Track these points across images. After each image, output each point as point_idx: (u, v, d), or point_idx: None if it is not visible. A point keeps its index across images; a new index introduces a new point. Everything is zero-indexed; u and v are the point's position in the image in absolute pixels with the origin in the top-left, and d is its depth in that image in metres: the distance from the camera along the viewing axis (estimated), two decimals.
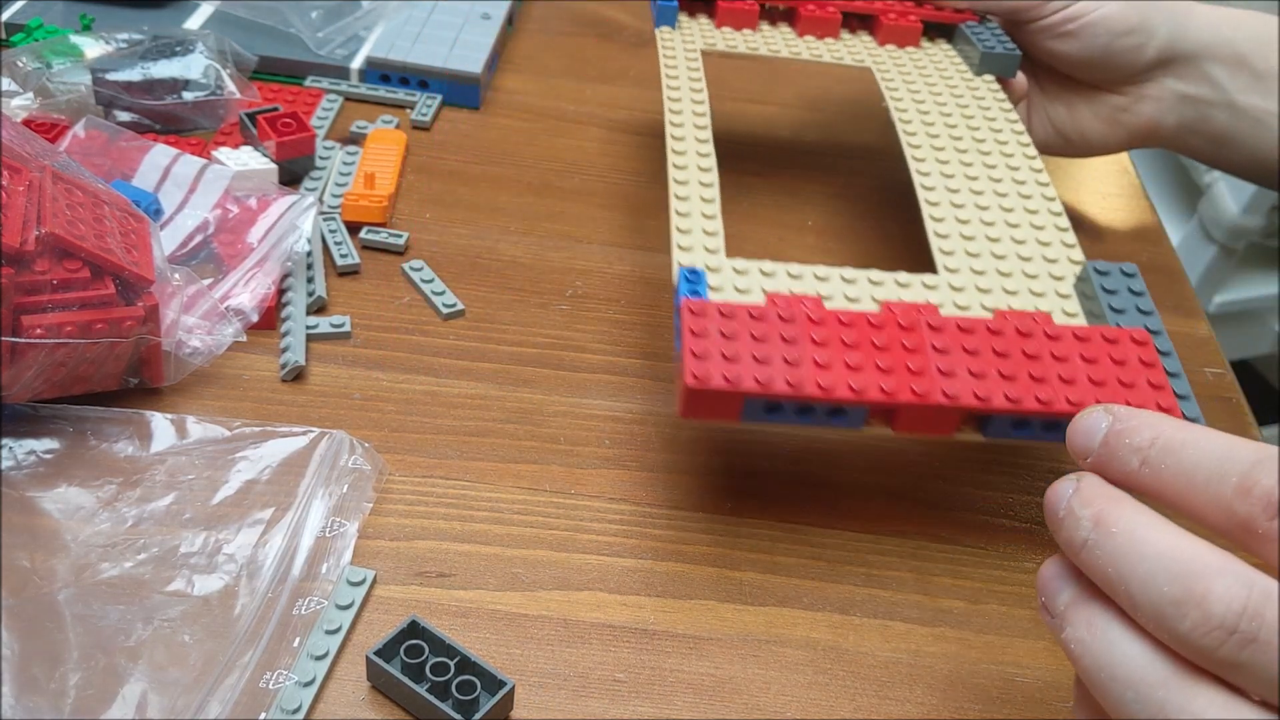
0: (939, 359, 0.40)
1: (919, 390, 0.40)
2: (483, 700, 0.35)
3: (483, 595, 0.40)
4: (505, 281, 0.54)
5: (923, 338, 0.41)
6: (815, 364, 0.40)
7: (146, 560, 0.39)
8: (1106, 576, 0.29)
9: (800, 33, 0.61)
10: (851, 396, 0.39)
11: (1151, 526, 0.29)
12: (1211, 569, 0.27)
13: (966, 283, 0.45)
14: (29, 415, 0.43)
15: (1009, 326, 0.42)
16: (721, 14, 0.60)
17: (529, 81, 0.70)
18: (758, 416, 0.40)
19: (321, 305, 0.51)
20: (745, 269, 0.44)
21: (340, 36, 0.67)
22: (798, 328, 0.41)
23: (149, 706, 0.35)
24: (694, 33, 0.59)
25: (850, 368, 0.40)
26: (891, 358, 0.40)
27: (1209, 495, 0.29)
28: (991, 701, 0.39)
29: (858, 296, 0.44)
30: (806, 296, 0.43)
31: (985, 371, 0.40)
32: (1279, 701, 0.27)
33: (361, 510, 0.42)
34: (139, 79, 0.58)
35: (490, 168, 0.62)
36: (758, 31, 0.61)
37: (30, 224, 0.40)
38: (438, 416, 0.47)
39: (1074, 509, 0.31)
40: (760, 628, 0.41)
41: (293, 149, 0.56)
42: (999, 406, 0.40)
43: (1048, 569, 0.32)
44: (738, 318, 0.41)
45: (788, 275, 0.44)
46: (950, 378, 0.40)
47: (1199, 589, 0.27)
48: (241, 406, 0.46)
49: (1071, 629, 0.30)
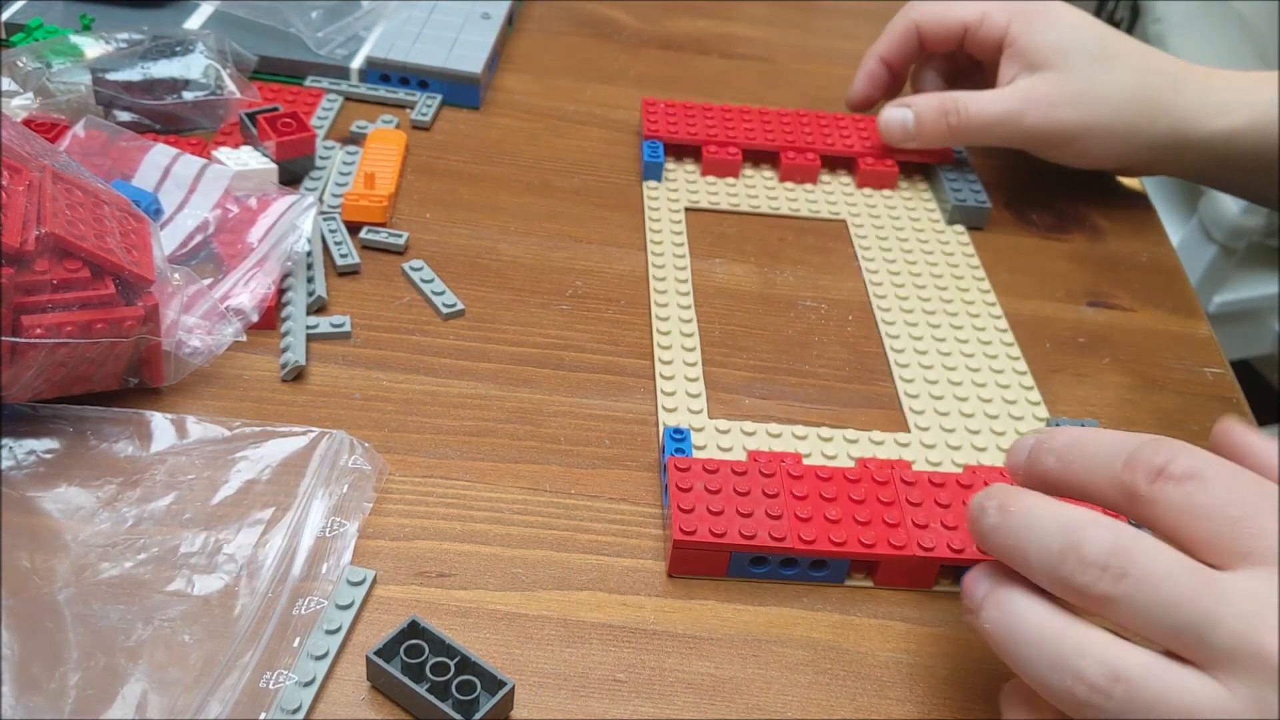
0: (914, 512, 0.43)
1: (896, 543, 0.42)
2: (483, 700, 0.35)
3: (483, 595, 0.40)
4: (505, 281, 0.54)
5: (897, 492, 0.43)
6: (797, 518, 0.42)
7: (146, 560, 0.39)
8: (1010, 549, 0.34)
9: (782, 178, 0.63)
10: (833, 550, 0.41)
11: (1043, 502, 0.34)
12: (1086, 521, 0.32)
13: (937, 440, 0.48)
14: (29, 415, 0.43)
15: (978, 480, 0.44)
16: (707, 163, 0.63)
17: (529, 81, 0.70)
18: (743, 571, 0.42)
19: (321, 305, 0.51)
20: (727, 428, 0.47)
21: (340, 36, 0.67)
22: (779, 483, 0.43)
23: (149, 706, 0.35)
24: (679, 185, 0.62)
25: (830, 522, 0.42)
26: (869, 511, 0.43)
27: (1105, 474, 0.33)
28: (992, 702, 0.39)
29: (835, 454, 0.47)
30: (787, 454, 0.46)
31: (958, 524, 0.42)
32: (1149, 635, 0.31)
33: (362, 510, 0.42)
34: (139, 79, 0.58)
35: (490, 168, 0.62)
36: (739, 179, 0.63)
37: (30, 224, 0.40)
38: (438, 416, 0.47)
39: (981, 502, 0.35)
40: (760, 628, 0.41)
41: (293, 149, 0.56)
42: (973, 557, 0.41)
43: (967, 577, 0.36)
44: (721, 474, 0.43)
45: (767, 434, 0.47)
46: (925, 530, 0.42)
47: (1076, 537, 0.32)
48: (241, 406, 0.46)
49: (986, 612, 0.34)
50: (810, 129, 0.64)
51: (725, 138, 0.63)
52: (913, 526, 0.42)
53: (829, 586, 0.42)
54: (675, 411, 0.48)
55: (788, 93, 0.72)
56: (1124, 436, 0.34)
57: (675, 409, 0.48)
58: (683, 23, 0.78)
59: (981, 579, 0.35)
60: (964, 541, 0.42)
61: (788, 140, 0.63)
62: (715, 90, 0.71)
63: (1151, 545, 0.31)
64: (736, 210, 0.61)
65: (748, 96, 0.70)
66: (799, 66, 0.75)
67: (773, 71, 0.75)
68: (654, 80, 0.71)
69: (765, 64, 0.75)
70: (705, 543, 0.41)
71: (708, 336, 0.53)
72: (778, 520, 0.42)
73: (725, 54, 0.76)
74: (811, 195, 0.62)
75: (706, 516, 0.41)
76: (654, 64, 0.73)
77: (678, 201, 0.61)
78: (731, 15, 0.80)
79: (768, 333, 0.53)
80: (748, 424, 0.47)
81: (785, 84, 0.73)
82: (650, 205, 0.60)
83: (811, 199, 0.62)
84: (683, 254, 0.57)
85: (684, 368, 0.50)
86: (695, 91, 0.71)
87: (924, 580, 0.42)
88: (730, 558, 0.41)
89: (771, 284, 0.56)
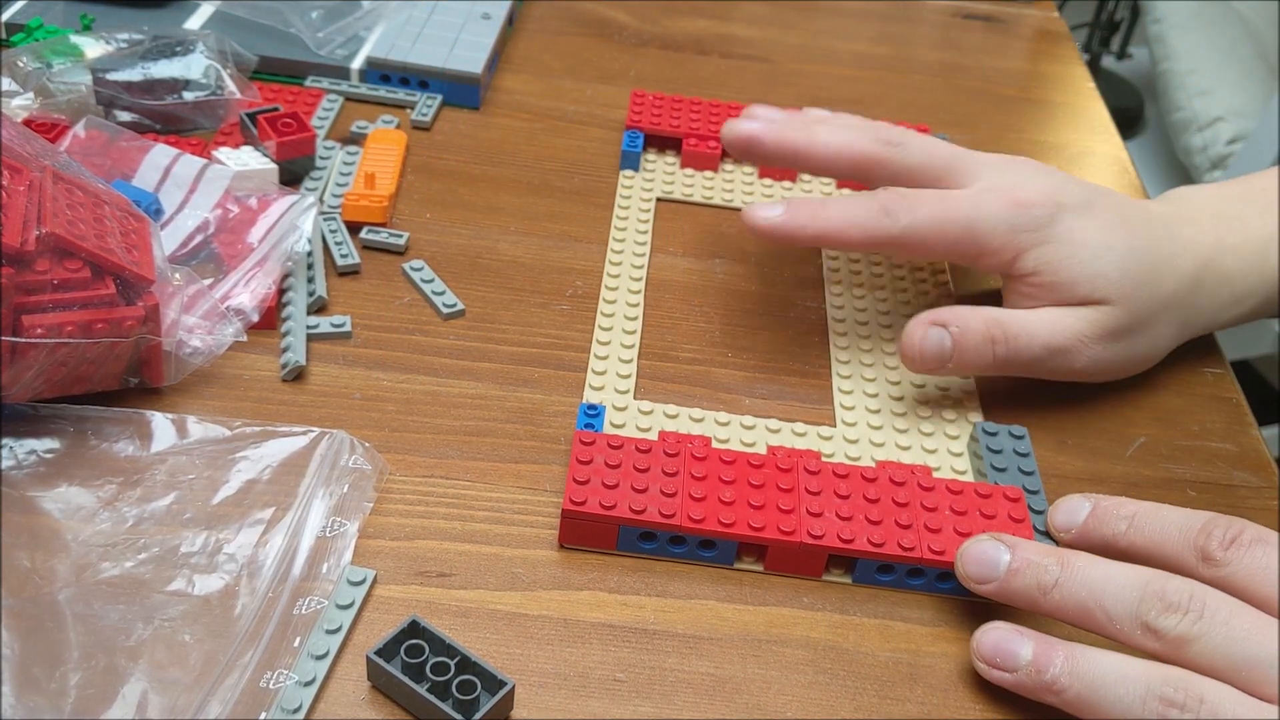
0: (810, 501, 0.43)
1: (785, 529, 0.41)
2: (483, 700, 0.35)
3: (483, 595, 0.40)
4: (505, 281, 0.54)
5: (797, 480, 0.43)
6: (691, 498, 0.42)
7: (147, 560, 0.39)
8: (1081, 602, 0.38)
9: (761, 174, 0.63)
10: (720, 530, 0.41)
11: (1105, 561, 0.38)
12: (1164, 577, 0.37)
13: (861, 436, 0.48)
14: (29, 415, 0.43)
15: (884, 475, 0.44)
16: (686, 156, 0.63)
17: (529, 81, 0.70)
18: (632, 546, 0.42)
19: (322, 305, 0.51)
20: (650, 409, 0.48)
21: (340, 36, 0.67)
22: (680, 463, 0.43)
23: (149, 706, 0.35)
24: (655, 176, 0.62)
25: (724, 504, 0.42)
26: (765, 496, 0.42)
27: (1179, 538, 0.39)
28: (992, 702, 0.39)
29: (753, 442, 0.47)
30: (696, 436, 0.46)
31: (853, 515, 0.42)
32: (1219, 669, 0.35)
33: (362, 510, 0.42)
34: (139, 79, 0.58)
35: (490, 168, 0.62)
36: (719, 173, 0.63)
37: (31, 224, 0.40)
38: (438, 416, 0.47)
39: (1034, 559, 0.39)
40: (760, 628, 0.41)
41: (293, 149, 0.56)
42: (861, 549, 0.41)
43: (990, 638, 0.39)
44: (625, 450, 0.43)
45: (690, 419, 0.47)
46: (818, 519, 0.42)
47: (1158, 586, 0.37)
48: (242, 406, 0.46)
49: (1053, 669, 0.37)
50: None
51: (707, 131, 0.63)
52: (806, 515, 0.42)
53: (830, 587, 0.42)
54: (602, 390, 0.48)
55: (787, 93, 0.72)
56: (1190, 511, 0.39)
57: (603, 388, 0.49)
58: (682, 23, 0.79)
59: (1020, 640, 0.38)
60: (854, 533, 0.41)
61: None
62: (715, 91, 0.71)
63: (1224, 595, 0.37)
64: (710, 203, 0.61)
65: (747, 97, 0.70)
66: (798, 67, 0.75)
67: (772, 72, 0.75)
68: (654, 80, 0.71)
69: (765, 64, 0.75)
70: (593, 514, 0.41)
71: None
72: (670, 498, 0.42)
73: (725, 54, 0.76)
74: (789, 192, 0.62)
75: (600, 489, 0.42)
76: (654, 64, 0.73)
77: (651, 191, 0.61)
78: (731, 15, 0.80)
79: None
80: (670, 407, 0.48)
81: (784, 84, 0.73)
82: (622, 193, 0.60)
83: (788, 196, 0.62)
84: (644, 241, 0.57)
85: (620, 349, 0.51)
86: (694, 92, 0.71)
87: (813, 569, 0.42)
88: (619, 531, 0.42)
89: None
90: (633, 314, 0.53)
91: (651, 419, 0.47)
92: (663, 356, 0.51)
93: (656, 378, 0.50)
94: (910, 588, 0.42)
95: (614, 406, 0.47)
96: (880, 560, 0.42)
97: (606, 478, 0.42)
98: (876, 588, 0.42)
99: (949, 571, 0.41)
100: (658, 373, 0.50)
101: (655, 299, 0.54)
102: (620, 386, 0.49)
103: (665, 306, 0.54)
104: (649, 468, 0.43)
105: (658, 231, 0.59)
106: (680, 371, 0.51)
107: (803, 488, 0.43)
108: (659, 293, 0.55)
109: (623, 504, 0.41)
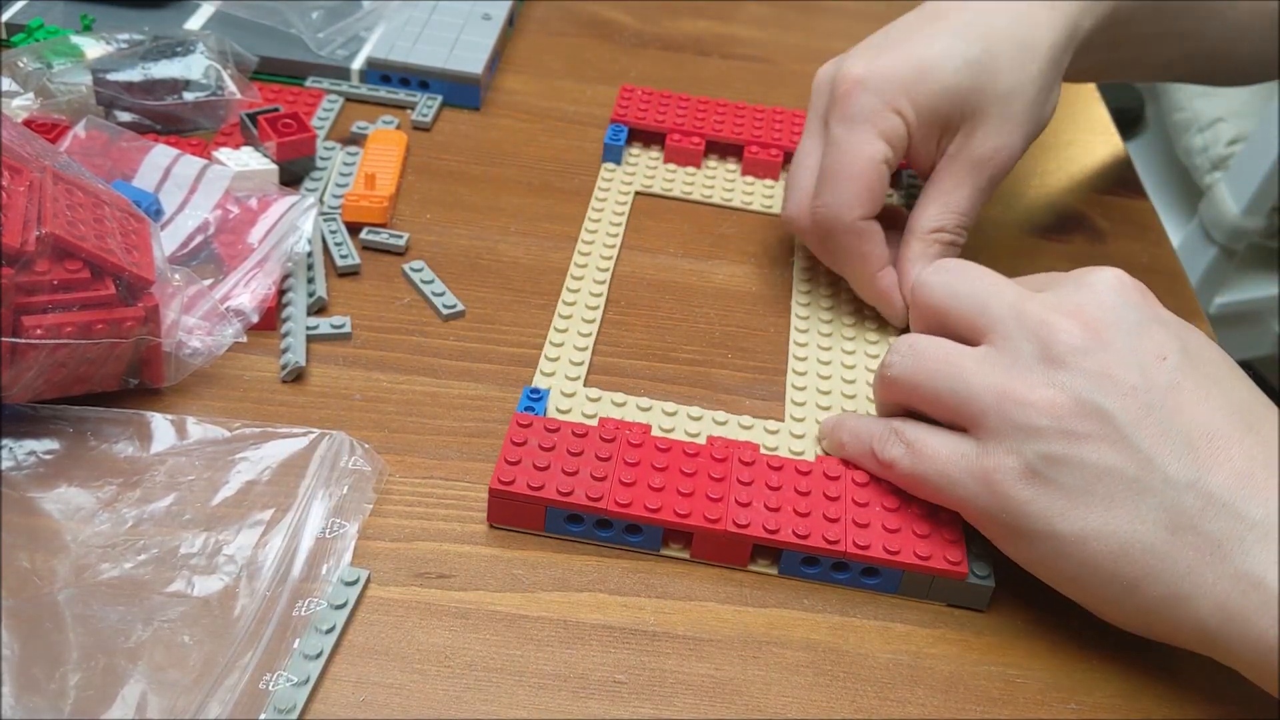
0: (740, 491, 0.43)
1: (711, 517, 0.42)
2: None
3: (483, 596, 0.40)
4: (505, 282, 0.54)
5: (730, 470, 0.43)
6: (620, 483, 0.42)
7: (146, 561, 0.39)
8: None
9: (743, 172, 0.63)
10: (645, 516, 0.42)
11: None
12: None
13: (808, 431, 0.48)
14: (29, 415, 0.43)
15: (819, 469, 0.44)
16: (670, 151, 0.63)
17: (529, 81, 0.70)
18: (560, 528, 0.42)
19: (322, 306, 0.51)
20: (598, 397, 0.48)
21: (341, 37, 0.67)
22: (614, 449, 0.43)
23: (149, 707, 0.35)
24: (637, 170, 0.62)
25: (653, 490, 0.42)
26: (694, 484, 0.42)
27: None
28: (992, 703, 0.39)
29: (698, 433, 0.47)
30: (635, 423, 0.46)
31: (781, 507, 0.42)
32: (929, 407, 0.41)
33: (361, 511, 0.42)
34: (139, 79, 0.58)
35: (490, 168, 0.62)
36: (701, 169, 0.63)
37: (31, 224, 0.40)
38: (438, 417, 0.47)
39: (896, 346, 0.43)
40: (760, 629, 0.41)
41: (293, 149, 0.56)
42: (785, 541, 0.41)
43: (850, 428, 0.44)
44: (561, 433, 0.44)
45: (637, 408, 0.47)
46: (745, 509, 0.42)
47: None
48: (241, 407, 0.46)
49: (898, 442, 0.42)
50: (780, 126, 0.64)
51: (691, 127, 0.63)
52: (735, 504, 0.42)
53: (829, 587, 0.42)
54: (553, 376, 0.49)
55: (787, 94, 0.72)
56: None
57: (553, 373, 0.49)
58: (682, 23, 0.78)
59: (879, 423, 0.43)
60: (779, 524, 0.42)
61: (754, 135, 0.63)
62: (715, 91, 0.71)
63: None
64: (689, 198, 0.61)
65: (747, 97, 0.70)
66: (799, 67, 0.75)
67: (772, 72, 0.75)
68: (654, 81, 0.71)
69: (765, 65, 0.75)
70: (520, 494, 0.41)
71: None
72: (600, 482, 0.42)
73: (725, 55, 0.76)
74: (769, 191, 0.62)
75: (530, 470, 0.42)
76: (654, 65, 0.73)
77: (630, 185, 0.61)
78: (731, 16, 0.80)
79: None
80: (619, 395, 0.48)
81: (785, 85, 0.73)
82: (601, 186, 0.60)
83: (768, 194, 0.62)
84: (616, 234, 0.57)
85: (576, 337, 0.51)
86: (694, 92, 0.71)
87: (738, 558, 0.42)
88: (546, 512, 0.42)
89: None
90: (594, 304, 0.53)
91: (598, 406, 0.47)
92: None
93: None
94: (835, 581, 0.42)
95: (561, 393, 0.48)
96: (804, 552, 0.42)
97: (538, 460, 0.42)
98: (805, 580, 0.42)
99: (874, 566, 0.41)
100: (610, 368, 0.50)
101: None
102: (571, 373, 0.49)
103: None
104: (582, 451, 0.43)
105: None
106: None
107: (735, 478, 0.43)
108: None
109: (550, 485, 0.42)
